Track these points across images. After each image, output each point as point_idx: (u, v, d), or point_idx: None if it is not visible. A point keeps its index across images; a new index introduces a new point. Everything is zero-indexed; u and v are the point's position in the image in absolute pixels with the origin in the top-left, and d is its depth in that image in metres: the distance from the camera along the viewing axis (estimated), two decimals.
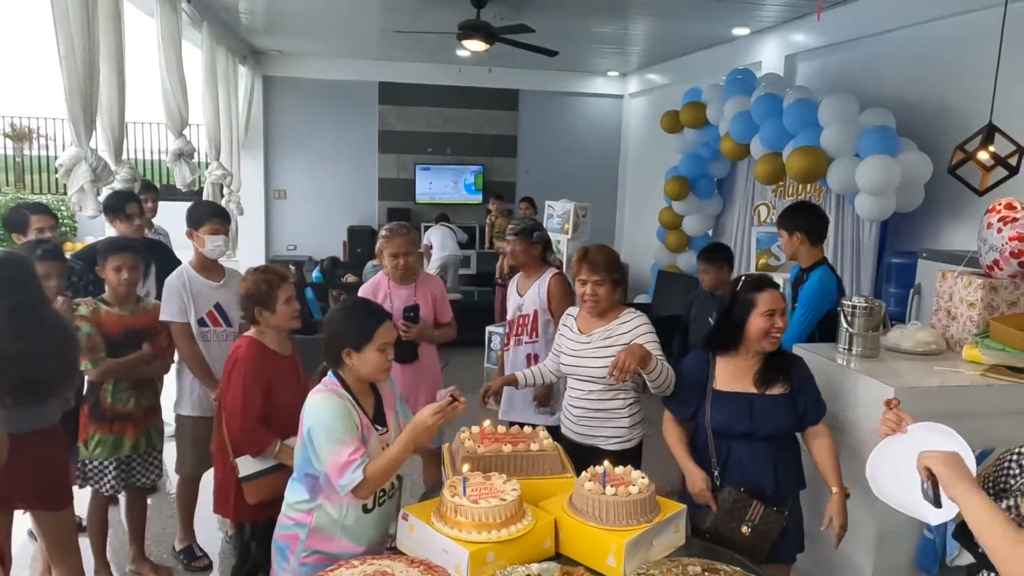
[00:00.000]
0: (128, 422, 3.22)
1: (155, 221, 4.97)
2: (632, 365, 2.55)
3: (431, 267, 8.63)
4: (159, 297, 3.44)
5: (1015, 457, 1.62)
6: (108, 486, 3.22)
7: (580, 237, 7.12)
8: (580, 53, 8.98)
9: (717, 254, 4.18)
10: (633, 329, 2.86)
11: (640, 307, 7.77)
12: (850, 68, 6.01)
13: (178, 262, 4.11)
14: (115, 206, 3.88)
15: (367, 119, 10.38)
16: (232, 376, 2.77)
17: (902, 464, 1.69)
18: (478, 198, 10.60)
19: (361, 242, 9.71)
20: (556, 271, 3.85)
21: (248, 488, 2.77)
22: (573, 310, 3.08)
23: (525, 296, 3.77)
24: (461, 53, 8.86)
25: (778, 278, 4.67)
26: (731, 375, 2.51)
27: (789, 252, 3.64)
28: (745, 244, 6.59)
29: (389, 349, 2.31)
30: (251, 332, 2.87)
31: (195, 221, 3.35)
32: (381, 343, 2.28)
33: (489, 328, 7.62)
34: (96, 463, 3.21)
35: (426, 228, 9.43)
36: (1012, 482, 1.58)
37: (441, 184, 10.60)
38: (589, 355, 2.89)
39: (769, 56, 6.94)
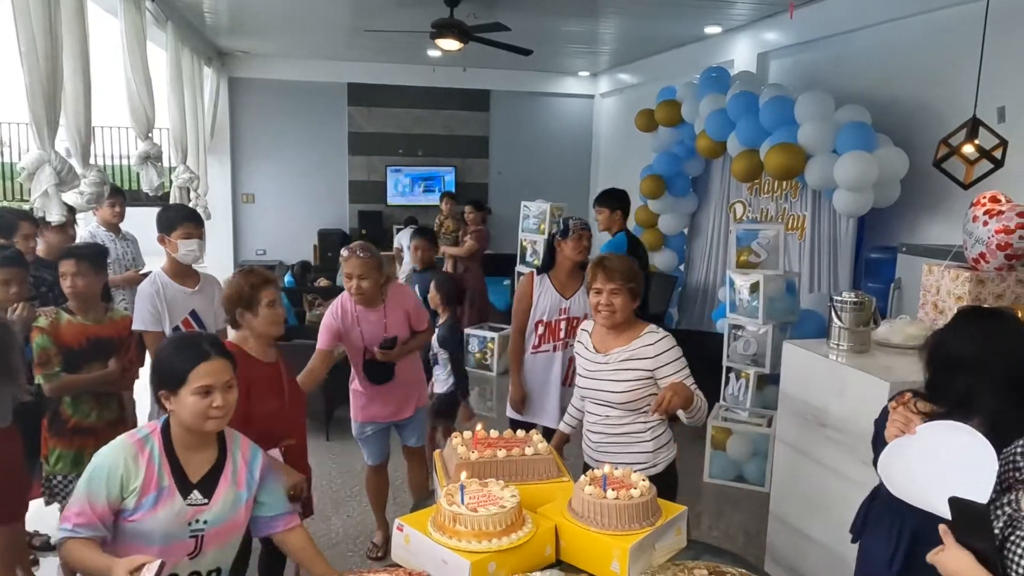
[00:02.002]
0: (90, 436, 3.06)
1: (123, 227, 4.83)
2: (677, 406, 2.42)
3: (402, 271, 8.53)
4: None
5: (1020, 450, 1.60)
6: None
7: None
8: (551, 53, 8.96)
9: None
10: (660, 354, 2.61)
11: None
12: (823, 66, 6.06)
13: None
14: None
15: (336, 121, 10.24)
16: None
17: (915, 466, 1.66)
18: None
19: (332, 245, 9.56)
20: None
21: None
22: (588, 324, 2.85)
23: (573, 299, 3.56)
24: (432, 53, 8.77)
25: (757, 275, 4.73)
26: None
27: (605, 225, 4.88)
28: (721, 242, 6.61)
29: (219, 393, 1.92)
30: (231, 337, 2.76)
31: (167, 225, 3.22)
32: (199, 385, 1.89)
33: (468, 331, 7.55)
34: (60, 478, 3.08)
35: (397, 231, 9.32)
36: (1018, 475, 1.56)
37: (412, 186, 10.49)
38: (607, 377, 2.66)
39: (741, 55, 6.97)
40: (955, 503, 1.48)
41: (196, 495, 1.95)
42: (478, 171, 10.80)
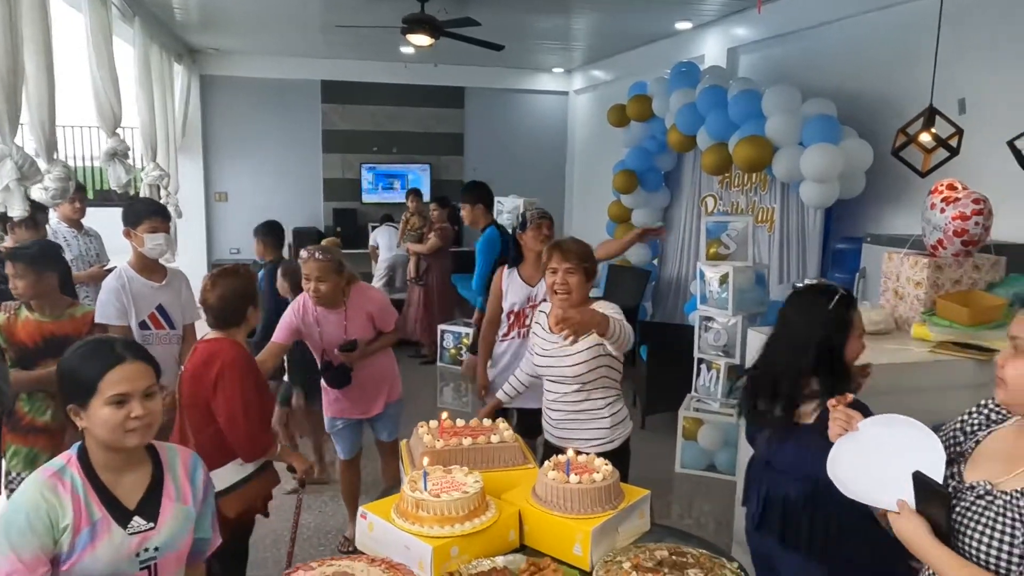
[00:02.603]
0: (43, 435, 3.03)
1: (84, 222, 4.78)
2: (579, 322, 2.40)
3: (378, 268, 8.52)
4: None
5: (959, 425, 1.64)
6: None
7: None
8: (525, 50, 8.97)
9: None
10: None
11: (592, 300, 7.80)
12: (791, 60, 6.13)
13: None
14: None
15: (310, 118, 10.17)
16: (223, 382, 2.58)
17: (858, 464, 1.68)
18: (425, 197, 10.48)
19: (307, 244, 9.43)
20: None
21: (226, 502, 2.61)
22: (546, 307, 2.94)
23: (539, 286, 3.55)
24: (405, 50, 8.75)
25: (727, 267, 4.78)
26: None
27: (470, 219, 4.94)
28: (694, 236, 6.66)
29: (137, 402, 1.66)
30: (219, 334, 2.71)
31: (132, 219, 3.19)
32: (112, 394, 1.64)
33: (442, 327, 7.56)
34: (15, 475, 3.05)
35: (373, 228, 9.29)
36: (959, 448, 1.60)
37: (375, 183, 10.44)
38: (561, 354, 2.73)
39: (711, 50, 7.03)
40: (919, 478, 1.51)
41: (138, 521, 1.70)
42: (453, 168, 10.78)
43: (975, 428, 1.58)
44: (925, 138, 3.46)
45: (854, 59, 5.41)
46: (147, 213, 3.19)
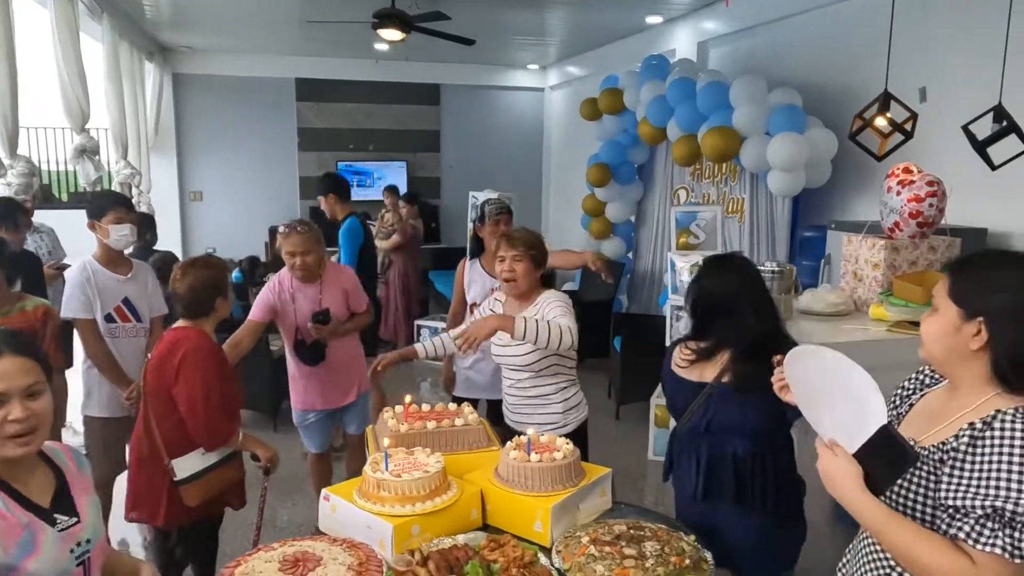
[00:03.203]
0: None
1: (36, 220, 4.71)
2: (479, 336, 2.57)
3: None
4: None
5: (897, 392, 1.69)
6: None
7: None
8: (499, 46, 9.00)
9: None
10: (548, 303, 2.79)
11: (567, 294, 7.84)
12: (759, 52, 6.20)
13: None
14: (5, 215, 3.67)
15: (285, 116, 10.14)
16: (185, 370, 2.58)
17: (810, 384, 1.61)
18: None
19: None
20: None
21: (188, 490, 2.62)
22: (501, 295, 3.01)
23: None
24: (379, 47, 8.74)
25: (697, 256, 4.83)
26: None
27: (329, 211, 4.77)
28: (667, 228, 6.71)
29: (15, 403, 1.48)
30: (187, 323, 2.71)
31: (96, 211, 3.17)
32: None
33: (418, 322, 7.57)
34: None
35: None
36: (895, 412, 1.63)
37: (364, 181, 10.44)
38: (513, 343, 2.76)
39: (682, 43, 7.09)
40: (886, 432, 1.43)
41: (61, 518, 1.59)
42: (430, 165, 10.79)
43: (910, 393, 1.63)
44: (880, 122, 3.53)
45: (818, 50, 5.49)
46: (111, 204, 3.17)
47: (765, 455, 2.24)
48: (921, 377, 1.63)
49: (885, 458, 1.43)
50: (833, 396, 1.55)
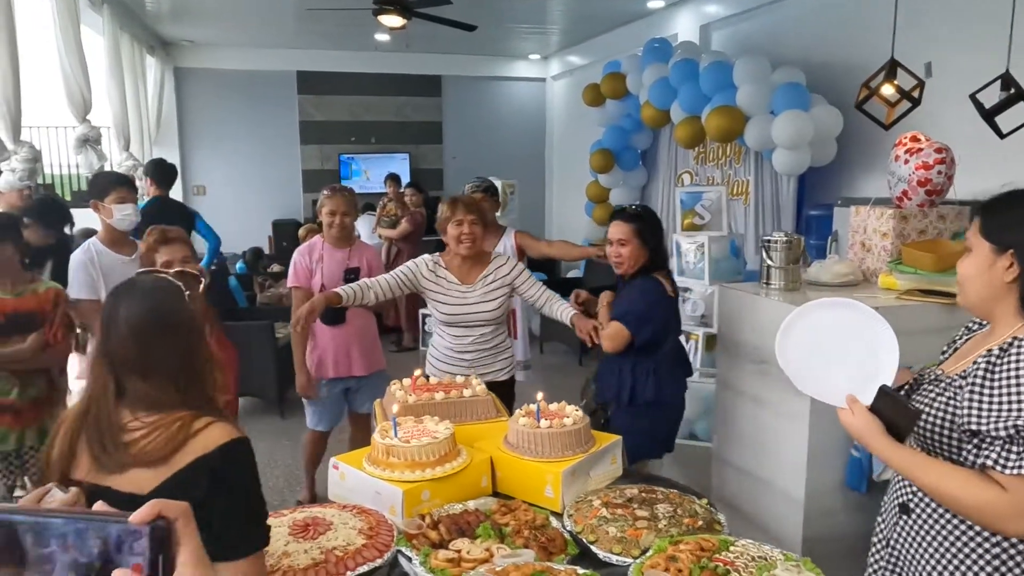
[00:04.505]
0: (8, 414, 2.94)
1: None
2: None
3: None
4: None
5: (949, 344, 1.70)
6: None
7: (509, 215, 7.10)
8: (501, 36, 8.96)
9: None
10: (512, 269, 3.16)
11: (572, 281, 7.83)
12: (761, 33, 6.17)
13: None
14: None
15: (286, 110, 10.13)
16: None
17: (806, 354, 1.66)
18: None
19: (287, 235, 9.45)
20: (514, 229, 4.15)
21: None
22: (428, 260, 3.17)
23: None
24: (380, 38, 8.72)
25: (702, 236, 4.81)
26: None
27: (150, 193, 5.09)
28: (672, 213, 6.69)
29: None
30: None
31: (99, 191, 3.15)
32: None
33: (423, 311, 7.55)
34: None
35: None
36: (942, 358, 1.67)
37: (366, 173, 10.43)
38: (477, 300, 3.09)
39: (684, 27, 7.06)
40: (884, 392, 1.52)
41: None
42: (432, 157, 10.77)
43: (957, 338, 1.69)
44: (888, 90, 3.50)
45: (820, 28, 5.46)
46: (113, 183, 3.16)
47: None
48: (970, 325, 1.67)
49: (895, 411, 1.51)
50: (844, 350, 1.59)
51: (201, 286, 1.57)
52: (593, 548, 1.80)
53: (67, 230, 4.08)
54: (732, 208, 5.64)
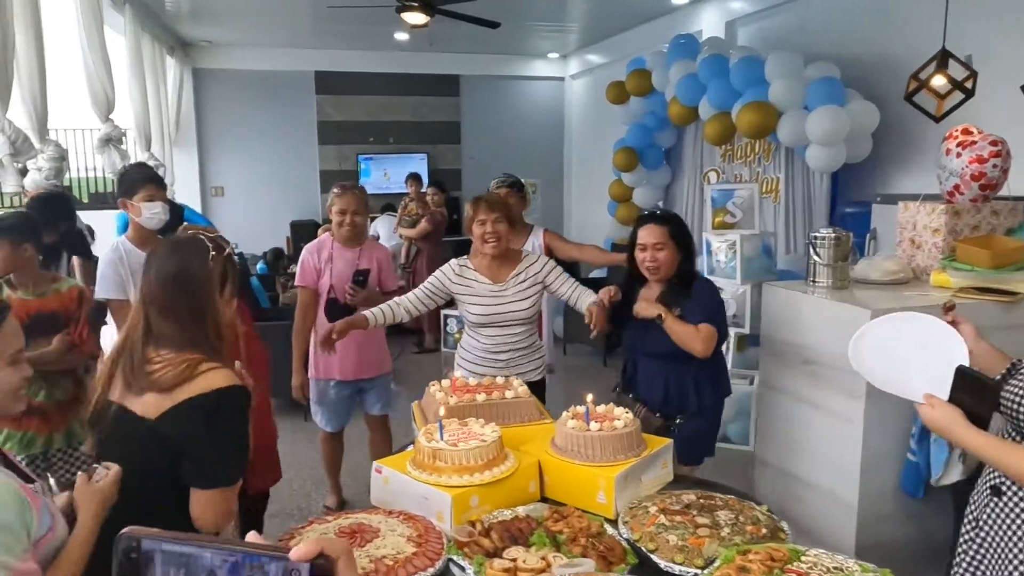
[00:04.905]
0: (36, 417, 2.88)
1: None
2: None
3: None
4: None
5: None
6: None
7: (532, 214, 7.02)
8: (520, 34, 8.88)
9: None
10: (544, 265, 3.10)
11: (595, 281, 7.75)
12: (789, 28, 6.06)
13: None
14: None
15: (305, 110, 10.08)
16: None
17: (882, 356, 1.80)
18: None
19: (305, 236, 9.37)
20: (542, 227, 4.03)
21: None
22: (454, 264, 3.10)
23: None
24: (399, 37, 8.67)
25: (734, 235, 4.71)
26: (645, 301, 2.76)
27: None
28: (697, 212, 6.59)
29: (23, 362, 1.48)
30: None
31: (127, 188, 3.08)
32: (11, 352, 1.45)
33: (444, 311, 7.48)
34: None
35: (372, 219, 9.21)
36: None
37: (383, 173, 10.38)
38: (510, 300, 3.02)
39: (708, 24, 6.95)
40: (964, 371, 1.61)
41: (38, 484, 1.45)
42: (450, 157, 10.70)
43: None
44: (939, 81, 3.39)
45: (853, 21, 5.34)
46: (142, 181, 3.08)
47: None
48: None
49: (975, 395, 1.60)
50: (917, 356, 1.73)
51: (225, 252, 1.77)
52: (653, 557, 1.72)
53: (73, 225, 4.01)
54: (762, 206, 5.54)
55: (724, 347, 4.77)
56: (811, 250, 2.89)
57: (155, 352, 1.65)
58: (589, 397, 2.19)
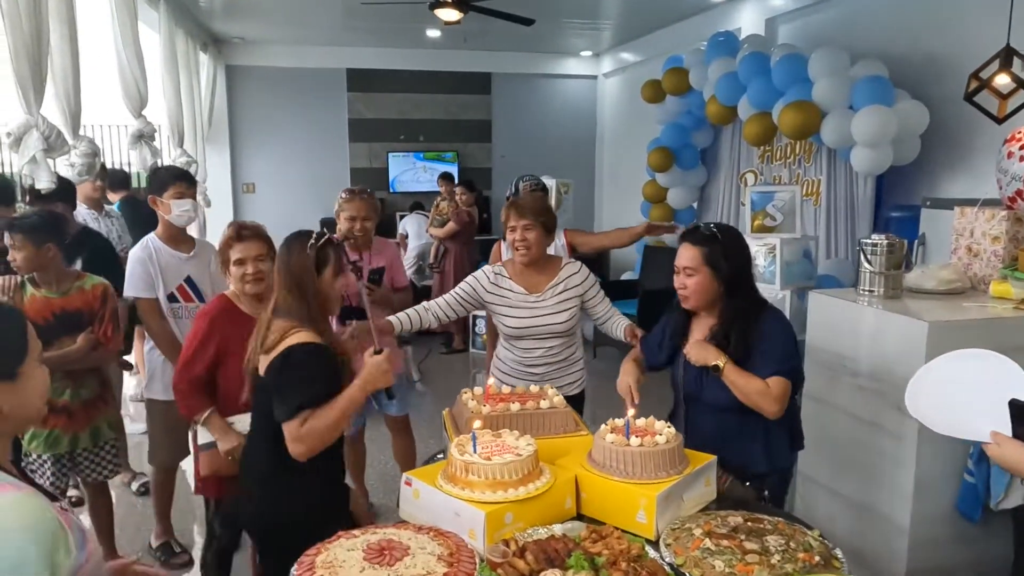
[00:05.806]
0: (62, 416, 2.87)
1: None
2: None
3: (408, 256, 8.39)
4: None
5: None
6: (47, 483, 2.86)
7: (564, 214, 6.91)
8: (553, 32, 8.78)
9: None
10: (585, 279, 2.96)
11: (627, 283, 7.58)
12: (833, 25, 5.87)
13: (113, 258, 3.90)
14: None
15: (336, 107, 10.07)
16: (193, 322, 2.67)
17: (940, 400, 1.72)
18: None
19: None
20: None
21: (203, 458, 2.57)
22: (488, 271, 2.97)
23: None
24: (431, 34, 8.61)
25: (774, 239, 4.57)
26: (698, 344, 2.32)
27: (113, 200, 5.06)
28: (733, 214, 6.44)
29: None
30: (228, 291, 2.72)
31: (158, 186, 3.06)
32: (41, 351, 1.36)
33: (473, 312, 7.41)
34: (34, 457, 2.90)
35: (401, 217, 9.17)
36: None
37: (415, 172, 10.34)
38: (547, 311, 2.89)
39: (748, 21, 6.78)
40: (1017, 405, 1.57)
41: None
42: (480, 156, 10.63)
43: None
44: (1003, 80, 3.22)
45: (902, 18, 5.13)
46: (172, 179, 3.06)
47: None
48: None
49: None
50: (975, 394, 1.65)
51: (321, 241, 2.18)
52: None
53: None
54: (803, 209, 5.38)
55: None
56: (861, 257, 2.75)
57: (274, 322, 2.10)
58: (631, 411, 2.09)
